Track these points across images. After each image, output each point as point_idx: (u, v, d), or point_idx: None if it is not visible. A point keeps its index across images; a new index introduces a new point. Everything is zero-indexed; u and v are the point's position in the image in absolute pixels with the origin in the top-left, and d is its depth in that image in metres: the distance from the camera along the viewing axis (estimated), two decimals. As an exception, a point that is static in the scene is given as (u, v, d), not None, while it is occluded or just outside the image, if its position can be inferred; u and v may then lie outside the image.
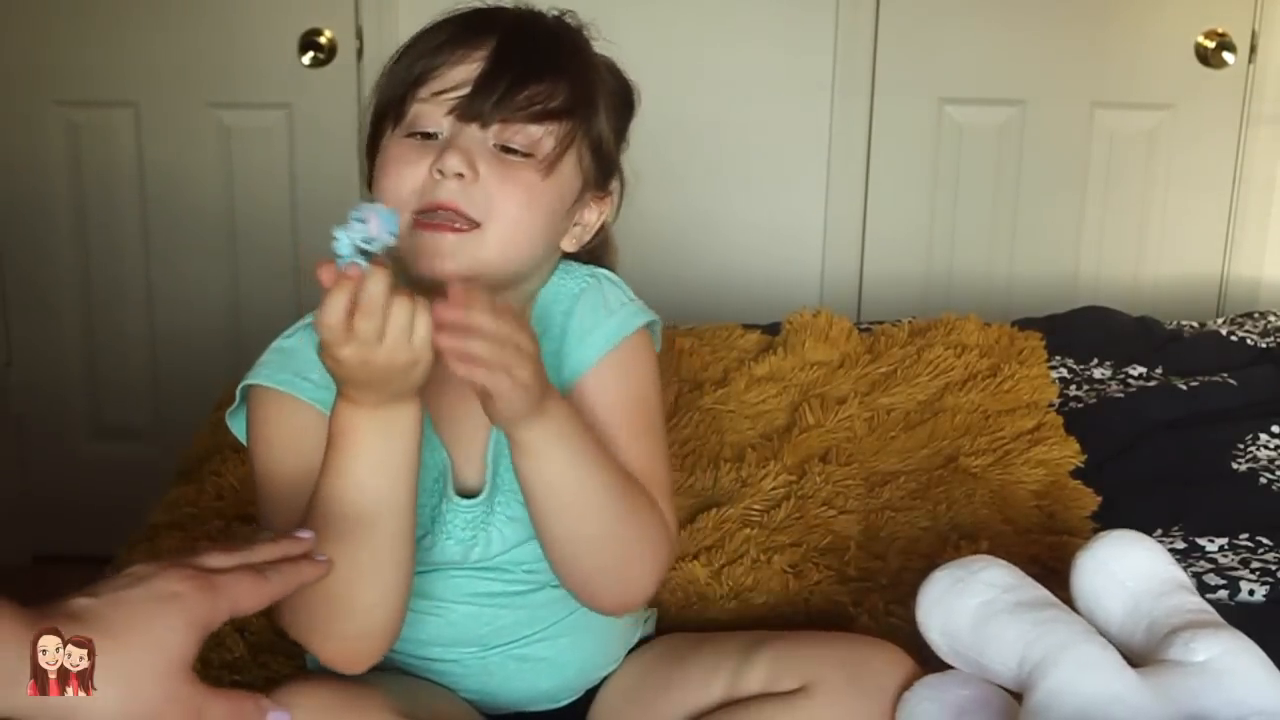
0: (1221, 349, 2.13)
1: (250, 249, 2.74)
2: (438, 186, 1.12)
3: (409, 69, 1.17)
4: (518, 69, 1.15)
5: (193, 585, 0.91)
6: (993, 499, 1.68)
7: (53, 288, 2.77)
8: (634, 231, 1.40)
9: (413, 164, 1.13)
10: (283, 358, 1.20)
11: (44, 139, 2.69)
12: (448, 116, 1.14)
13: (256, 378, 1.19)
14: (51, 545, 2.82)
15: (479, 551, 1.22)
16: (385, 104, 1.18)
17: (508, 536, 1.23)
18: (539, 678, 1.28)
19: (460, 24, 1.19)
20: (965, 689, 1.22)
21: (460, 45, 1.16)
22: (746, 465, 1.74)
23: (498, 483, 1.22)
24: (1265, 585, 1.48)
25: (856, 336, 2.07)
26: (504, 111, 1.14)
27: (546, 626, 1.27)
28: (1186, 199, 2.80)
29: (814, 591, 1.52)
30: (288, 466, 1.16)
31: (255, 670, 1.36)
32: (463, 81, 1.14)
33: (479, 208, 1.12)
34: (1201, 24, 2.69)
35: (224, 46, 2.66)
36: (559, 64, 1.18)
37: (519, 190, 1.14)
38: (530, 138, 1.15)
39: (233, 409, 1.23)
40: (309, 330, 1.20)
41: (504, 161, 1.14)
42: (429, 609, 1.24)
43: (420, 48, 1.18)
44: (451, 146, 1.12)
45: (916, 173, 2.78)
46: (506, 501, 1.22)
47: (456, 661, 1.27)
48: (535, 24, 1.21)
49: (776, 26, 2.71)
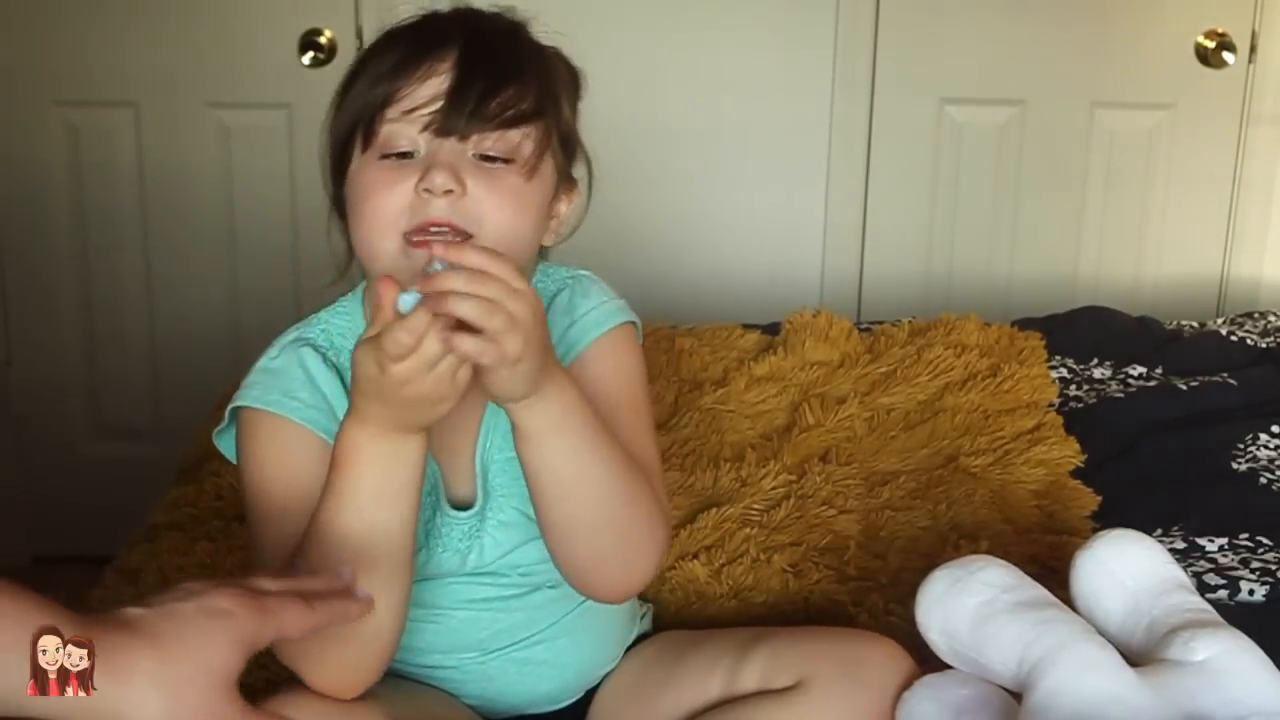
0: (1221, 349, 2.13)
1: (250, 249, 2.74)
2: (426, 205, 1.11)
3: (371, 90, 1.14)
4: (486, 77, 1.13)
5: (243, 604, 0.92)
6: (993, 499, 1.68)
7: (53, 288, 2.77)
8: (634, 231, 1.40)
9: (394, 185, 1.12)
10: (269, 378, 1.20)
11: (44, 139, 2.69)
12: (423, 133, 1.13)
13: (245, 399, 1.19)
14: (51, 545, 2.82)
15: (474, 559, 1.23)
16: (350, 128, 1.16)
17: (501, 542, 1.23)
18: (540, 680, 1.29)
19: (414, 38, 1.17)
20: (965, 689, 1.22)
21: (421, 59, 1.14)
22: (746, 465, 1.74)
23: (489, 490, 1.22)
24: (1265, 585, 1.48)
25: (856, 336, 2.07)
26: (480, 122, 1.12)
27: (545, 628, 1.27)
28: (1186, 199, 2.80)
29: (814, 591, 1.52)
30: (280, 485, 1.16)
31: (255, 672, 1.35)
32: (433, 96, 1.12)
33: (470, 220, 1.12)
34: (1201, 24, 2.69)
35: (224, 46, 2.66)
36: (523, 65, 1.17)
37: (507, 198, 1.13)
38: (509, 143, 1.14)
39: (220, 428, 1.24)
40: (294, 348, 1.21)
41: (487, 171, 1.13)
42: (427, 617, 1.24)
43: (378, 67, 1.15)
44: (436, 164, 1.11)
45: (916, 173, 2.78)
46: (498, 507, 1.22)
47: (457, 668, 1.27)
48: (491, 27, 1.19)
49: (776, 26, 2.71)
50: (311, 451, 1.16)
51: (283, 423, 1.17)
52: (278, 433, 1.17)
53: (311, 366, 1.20)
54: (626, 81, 2.68)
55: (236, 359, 2.55)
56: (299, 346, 1.21)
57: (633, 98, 2.69)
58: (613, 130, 3.01)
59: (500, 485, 1.22)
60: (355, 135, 1.15)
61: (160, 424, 2.79)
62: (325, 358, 1.21)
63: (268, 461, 1.18)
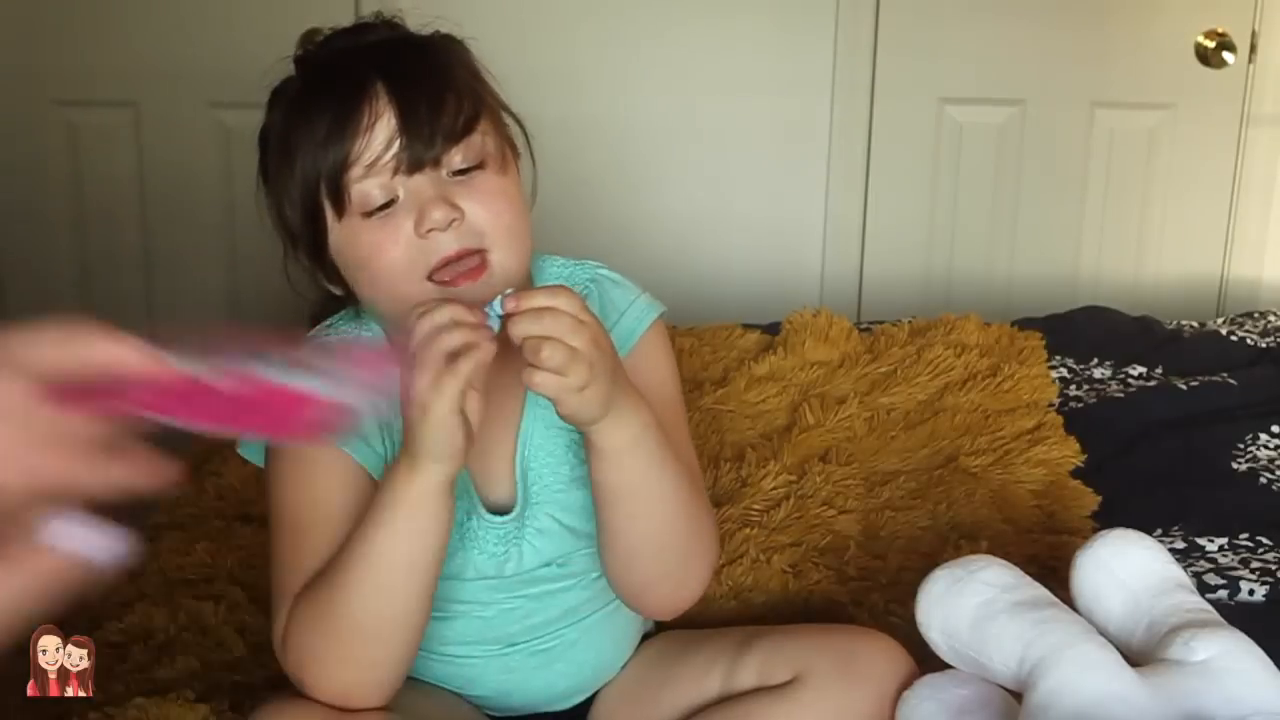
0: (1221, 349, 2.13)
1: (250, 249, 2.74)
2: (433, 243, 1.11)
3: (320, 161, 1.12)
4: (425, 98, 1.12)
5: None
6: (993, 499, 1.68)
7: (53, 288, 2.77)
8: (634, 231, 1.40)
9: (394, 237, 1.11)
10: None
11: (44, 139, 2.69)
12: (395, 177, 1.12)
13: None
14: (51, 545, 2.82)
15: (512, 566, 1.22)
16: (310, 202, 1.13)
17: (541, 550, 1.23)
18: (558, 676, 1.28)
19: (333, 91, 1.13)
20: (965, 688, 1.22)
21: (357, 110, 1.11)
22: (746, 465, 1.74)
23: (528, 497, 1.21)
24: (1265, 585, 1.48)
25: (856, 336, 2.07)
26: (443, 144, 1.12)
27: (574, 623, 1.27)
28: (1186, 199, 2.80)
29: (813, 591, 1.52)
30: (307, 500, 1.15)
31: (255, 670, 1.36)
32: (387, 140, 1.11)
33: (475, 237, 1.12)
34: (1201, 24, 2.69)
35: (224, 46, 2.66)
36: (444, 69, 1.16)
37: (497, 199, 1.13)
38: (474, 149, 1.14)
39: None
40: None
41: (467, 184, 1.13)
42: (457, 611, 1.23)
43: (314, 136, 1.12)
44: (426, 202, 1.11)
45: (916, 173, 2.78)
46: (534, 515, 1.22)
47: (480, 659, 1.26)
48: (399, 47, 1.17)
49: (777, 26, 2.72)
50: (336, 467, 1.15)
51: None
52: (305, 447, 1.16)
53: None
54: (626, 82, 2.68)
55: (236, 359, 2.55)
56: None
57: (633, 98, 2.70)
58: (612, 130, 3.02)
59: (539, 493, 1.21)
60: (320, 205, 1.13)
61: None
62: None
63: (295, 475, 1.17)
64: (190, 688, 1.29)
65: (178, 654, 1.36)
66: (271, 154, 1.17)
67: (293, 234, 1.17)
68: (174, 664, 1.35)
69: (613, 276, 1.30)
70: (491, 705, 1.28)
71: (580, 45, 2.63)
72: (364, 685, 1.12)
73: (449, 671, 1.26)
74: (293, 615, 1.12)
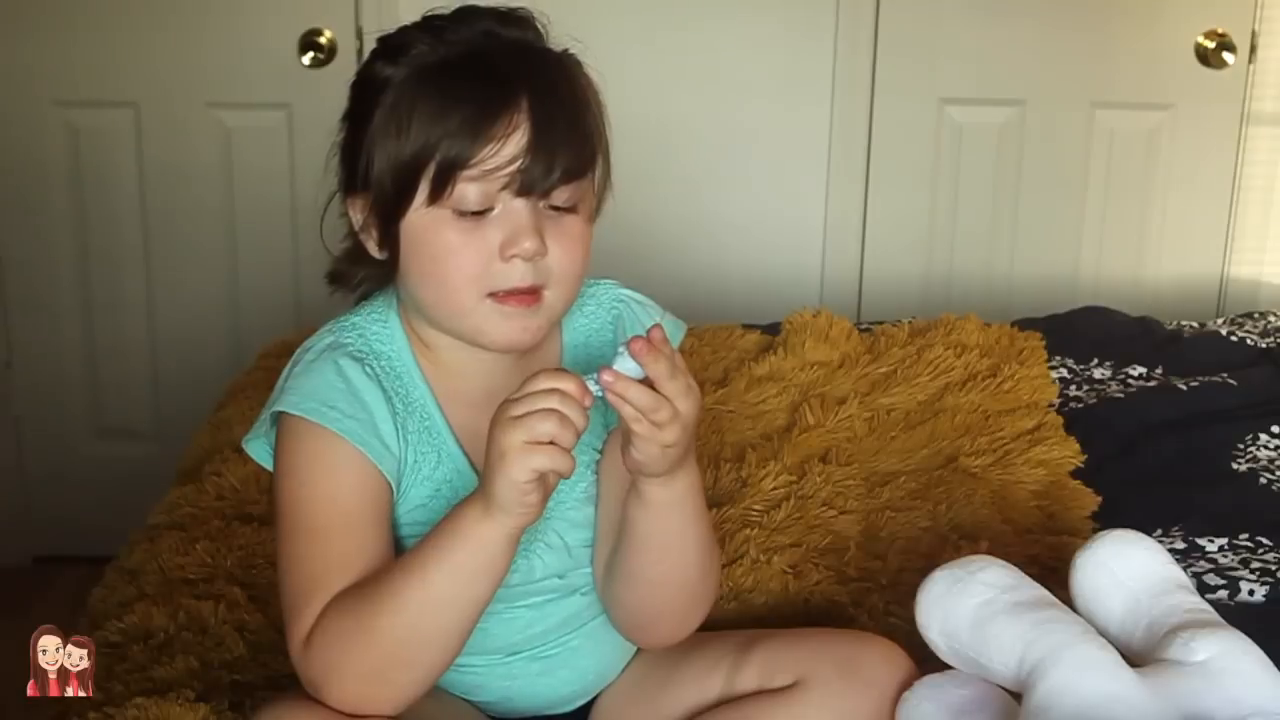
0: (1221, 349, 2.13)
1: (250, 249, 2.74)
2: (509, 267, 1.12)
3: (442, 146, 1.10)
4: (560, 130, 1.12)
5: None
6: (993, 499, 1.68)
7: (53, 288, 2.77)
8: (635, 232, 1.40)
9: (475, 246, 1.12)
10: (309, 385, 1.16)
11: (44, 139, 2.69)
12: (502, 191, 1.11)
13: (288, 406, 1.15)
14: (51, 546, 2.82)
15: (519, 577, 1.22)
16: (410, 172, 1.11)
17: (549, 564, 1.24)
18: (561, 683, 1.28)
19: (481, 92, 1.11)
20: (964, 689, 1.22)
21: (497, 118, 1.10)
22: (746, 465, 1.74)
23: (543, 511, 1.20)
24: (1265, 585, 1.48)
25: (856, 336, 2.07)
26: (560, 179, 1.12)
27: (574, 630, 1.27)
28: (1186, 199, 2.80)
29: (814, 592, 1.52)
30: (322, 499, 1.14)
31: (255, 670, 1.36)
32: (512, 156, 1.10)
33: (543, 274, 1.14)
34: (1201, 24, 2.69)
35: (224, 46, 2.66)
36: (582, 110, 1.16)
37: (575, 245, 1.15)
38: (576, 193, 1.15)
39: (252, 436, 1.21)
40: (331, 356, 1.17)
41: (556, 222, 1.14)
42: None
43: (446, 119, 1.10)
44: (521, 228, 1.11)
45: (916, 173, 2.78)
46: (545, 530, 1.22)
47: (483, 668, 1.26)
48: (548, 70, 1.16)
49: (777, 26, 2.71)
50: (352, 466, 1.14)
51: (325, 434, 1.14)
52: (319, 444, 1.14)
53: (352, 376, 1.16)
54: (626, 82, 2.66)
55: (236, 359, 2.55)
56: (337, 355, 1.17)
57: (632, 98, 2.68)
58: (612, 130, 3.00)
59: (551, 507, 1.19)
60: (418, 180, 1.11)
61: (160, 424, 2.79)
62: (365, 367, 1.17)
63: (308, 473, 1.15)
64: (190, 687, 1.29)
65: (177, 654, 1.36)
66: (383, 106, 1.13)
67: (362, 179, 1.14)
68: (173, 664, 1.34)
69: (636, 297, 1.31)
70: (494, 709, 1.28)
71: (578, 47, 2.62)
72: (386, 700, 1.11)
73: (451, 679, 1.25)
74: (322, 624, 1.10)
